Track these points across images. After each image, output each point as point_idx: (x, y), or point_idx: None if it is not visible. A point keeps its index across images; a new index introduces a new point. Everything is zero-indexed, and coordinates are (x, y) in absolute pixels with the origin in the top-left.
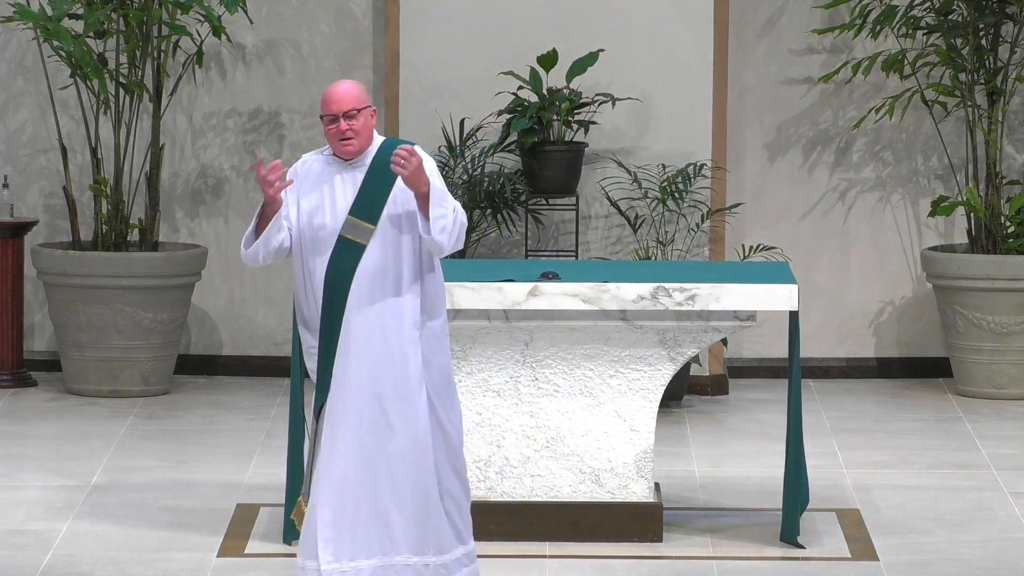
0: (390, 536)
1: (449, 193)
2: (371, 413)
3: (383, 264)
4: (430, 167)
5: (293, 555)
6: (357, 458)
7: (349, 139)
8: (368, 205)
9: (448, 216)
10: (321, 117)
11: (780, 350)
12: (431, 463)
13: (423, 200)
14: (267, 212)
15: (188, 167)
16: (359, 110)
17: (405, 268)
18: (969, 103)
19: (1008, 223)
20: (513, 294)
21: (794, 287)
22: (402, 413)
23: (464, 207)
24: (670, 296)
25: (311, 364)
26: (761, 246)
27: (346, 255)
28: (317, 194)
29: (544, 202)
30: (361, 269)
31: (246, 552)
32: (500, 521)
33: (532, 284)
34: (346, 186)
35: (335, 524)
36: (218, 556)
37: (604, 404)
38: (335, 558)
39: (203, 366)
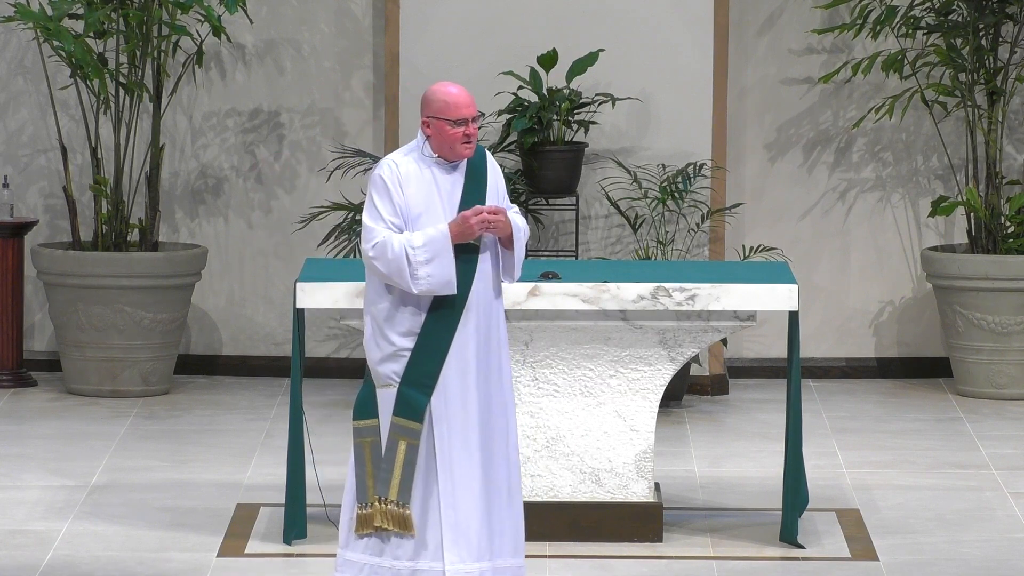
0: (501, 538)
1: (512, 205)
2: (488, 416)
3: (489, 266)
4: (499, 174)
5: (293, 555)
6: (478, 460)
7: (472, 143)
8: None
9: (523, 250)
10: (431, 120)
11: (780, 350)
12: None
13: (508, 243)
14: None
15: (188, 167)
16: (481, 114)
17: (496, 270)
18: (969, 103)
19: (1008, 223)
20: (513, 294)
21: (794, 287)
22: (506, 417)
23: None
24: (670, 296)
25: (395, 366)
26: (761, 247)
27: (465, 255)
28: (425, 198)
29: (544, 202)
30: (479, 271)
31: (246, 552)
32: None
33: (532, 284)
34: (452, 189)
35: (459, 526)
36: (218, 556)
37: (604, 404)
38: (459, 559)
39: (203, 366)
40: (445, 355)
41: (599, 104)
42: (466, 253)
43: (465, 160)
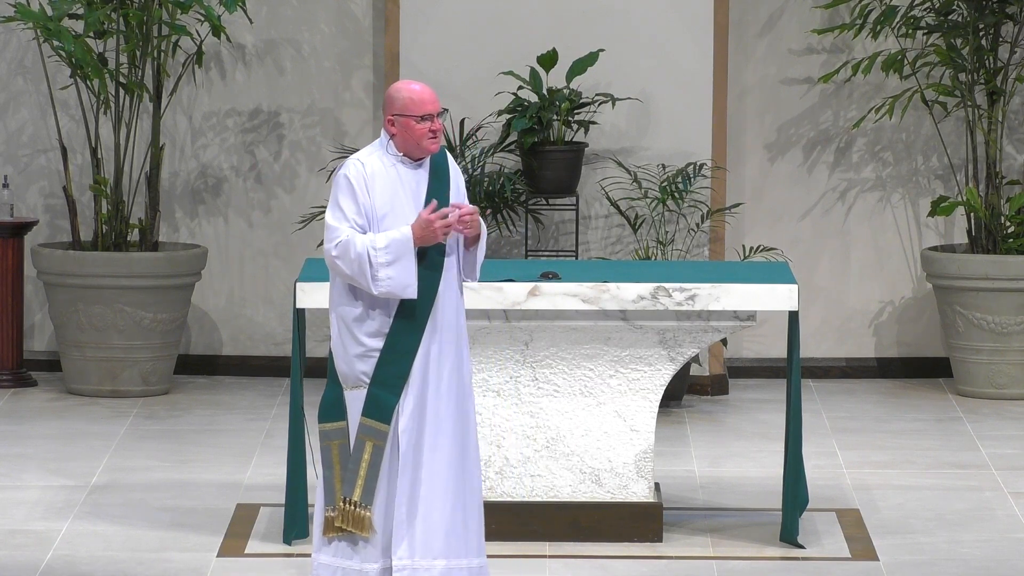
0: (464, 538)
1: (471, 205)
2: (453, 417)
3: (453, 264)
4: (460, 173)
5: (293, 555)
6: (443, 459)
7: (438, 139)
8: (441, 207)
9: (484, 250)
10: (396, 118)
11: (780, 350)
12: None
13: (471, 242)
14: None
15: (188, 167)
16: (444, 110)
17: (458, 269)
18: (969, 103)
19: (1008, 223)
20: (513, 294)
21: (794, 287)
22: (469, 415)
23: None
24: (670, 296)
25: (364, 367)
26: (761, 246)
27: (432, 256)
28: (393, 197)
29: (544, 202)
30: (445, 268)
31: (246, 552)
32: (500, 521)
33: (532, 284)
34: (417, 187)
35: (411, 522)
36: (218, 556)
37: (604, 404)
38: (408, 555)
39: (203, 366)
40: (414, 355)
41: (599, 104)
42: (434, 253)
43: (429, 159)
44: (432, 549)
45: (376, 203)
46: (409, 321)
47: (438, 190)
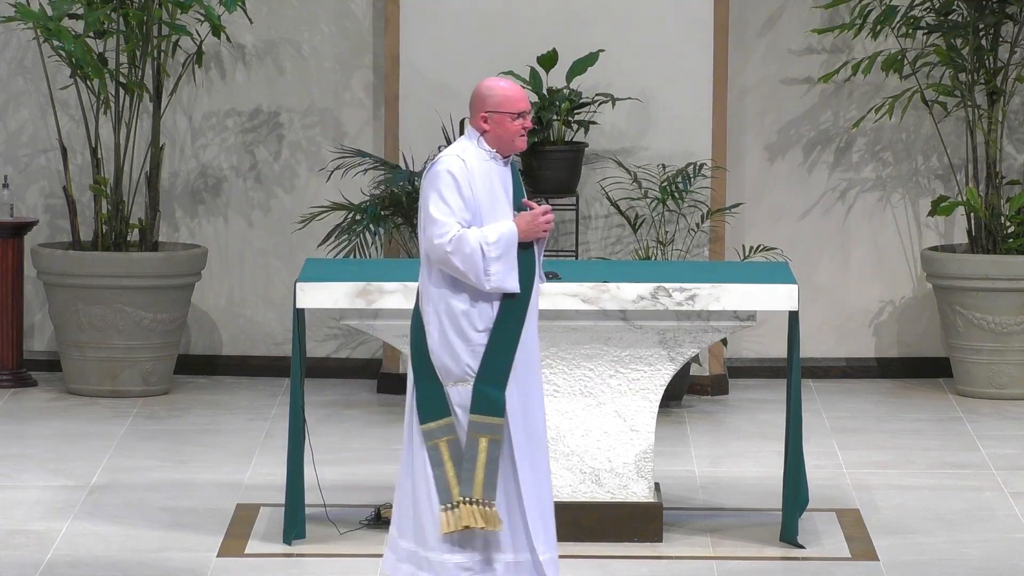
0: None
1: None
2: (541, 407)
3: (536, 260)
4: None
5: (293, 555)
6: (544, 450)
7: (526, 136)
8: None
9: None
10: (491, 115)
11: (780, 350)
12: None
13: (541, 247)
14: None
15: (188, 167)
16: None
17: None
18: (969, 103)
19: (1008, 223)
20: None
21: (794, 287)
22: (543, 405)
23: None
24: (670, 296)
25: (471, 362)
26: (761, 246)
27: (528, 252)
28: (490, 193)
29: (544, 202)
30: (536, 263)
31: (246, 552)
32: None
33: None
34: (505, 183)
35: (543, 517)
36: (218, 556)
37: (604, 404)
38: (546, 549)
39: (203, 366)
40: (516, 347)
41: (599, 104)
42: (526, 249)
43: (510, 156)
44: (554, 540)
45: (479, 198)
46: (512, 314)
47: (519, 188)
